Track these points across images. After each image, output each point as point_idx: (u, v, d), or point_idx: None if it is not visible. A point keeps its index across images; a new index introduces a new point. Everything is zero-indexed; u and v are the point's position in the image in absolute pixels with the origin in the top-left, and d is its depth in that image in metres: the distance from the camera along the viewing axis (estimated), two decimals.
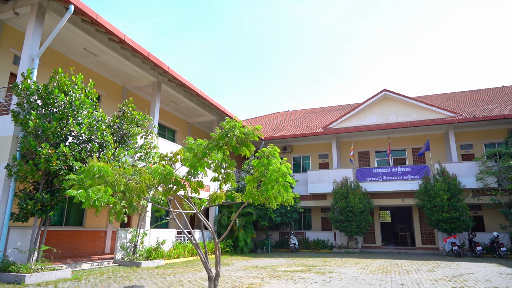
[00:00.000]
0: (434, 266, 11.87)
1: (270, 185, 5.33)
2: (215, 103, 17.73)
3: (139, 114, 11.81)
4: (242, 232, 17.55)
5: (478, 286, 7.87)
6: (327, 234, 20.84)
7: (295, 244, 18.95)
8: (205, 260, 6.28)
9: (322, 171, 20.91)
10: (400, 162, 22.04)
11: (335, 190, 19.53)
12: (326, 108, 29.16)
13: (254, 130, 5.65)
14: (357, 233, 18.48)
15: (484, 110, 20.08)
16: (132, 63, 13.42)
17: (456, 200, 17.04)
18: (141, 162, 11.99)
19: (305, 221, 22.94)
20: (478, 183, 17.67)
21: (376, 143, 22.59)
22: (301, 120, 26.21)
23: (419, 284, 8.25)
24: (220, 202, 6.93)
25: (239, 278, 8.94)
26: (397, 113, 21.55)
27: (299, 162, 24.20)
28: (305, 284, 8.06)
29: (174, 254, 13.44)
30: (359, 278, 9.06)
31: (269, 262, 13.14)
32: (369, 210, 18.71)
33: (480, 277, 9.31)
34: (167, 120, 18.88)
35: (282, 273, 9.94)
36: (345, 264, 12.56)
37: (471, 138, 20.74)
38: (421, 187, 18.16)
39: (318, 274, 9.83)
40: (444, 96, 25.32)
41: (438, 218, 16.95)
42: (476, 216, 19.30)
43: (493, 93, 23.81)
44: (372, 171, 19.89)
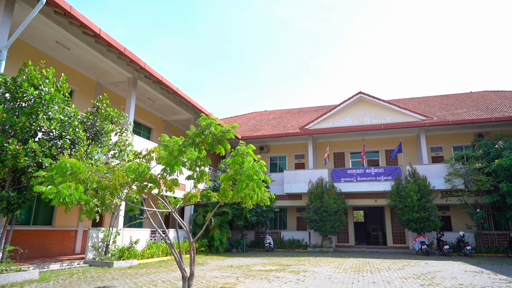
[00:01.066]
0: (404, 265, 12.23)
1: (244, 183, 5.33)
2: (192, 101, 17.55)
3: (113, 111, 11.53)
4: (217, 231, 17.48)
5: (444, 284, 8.18)
6: (302, 233, 21.07)
7: (270, 243, 19.04)
8: (179, 260, 6.20)
9: (298, 171, 21.12)
10: (373, 163, 22.58)
11: (311, 190, 19.78)
12: (303, 109, 29.47)
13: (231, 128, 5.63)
14: (331, 232, 18.78)
15: (453, 115, 20.87)
16: (107, 58, 13.07)
17: (426, 201, 17.63)
18: (115, 159, 11.71)
19: (281, 221, 23.10)
20: (446, 185, 18.36)
21: (351, 144, 23.04)
22: (278, 120, 26.37)
23: (389, 282, 8.47)
24: (195, 201, 6.87)
25: (213, 278, 8.90)
26: (371, 115, 22.06)
27: (276, 162, 24.35)
28: (279, 283, 8.11)
29: (147, 254, 13.21)
30: (332, 277, 9.21)
31: (244, 262, 13.15)
32: (343, 210, 19.05)
33: (446, 275, 9.67)
34: (143, 117, 18.54)
35: (257, 273, 9.96)
36: (319, 263, 12.74)
37: (441, 141, 21.53)
38: (393, 188, 18.67)
39: (293, 273, 9.92)
40: (416, 100, 26.13)
41: (409, 218, 17.48)
42: (444, 216, 20.04)
43: (462, 98, 24.78)
44: (346, 171, 20.27)
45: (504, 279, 8.91)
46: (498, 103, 21.97)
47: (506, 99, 22.60)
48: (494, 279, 8.99)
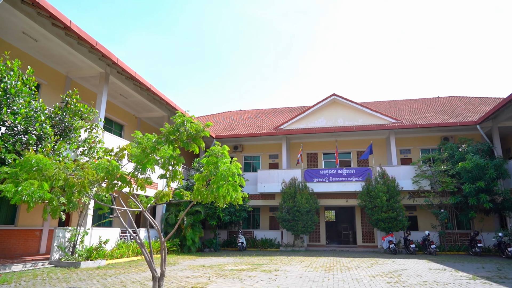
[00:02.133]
0: (372, 263, 12.57)
1: (219, 184, 5.30)
2: (166, 98, 17.28)
3: (83, 107, 11.17)
4: (190, 231, 17.30)
5: (410, 281, 8.48)
6: (275, 233, 21.22)
7: (243, 243, 19.06)
8: (150, 260, 6.10)
9: (272, 171, 21.25)
10: (345, 164, 23.07)
11: (284, 190, 19.95)
12: (278, 109, 29.68)
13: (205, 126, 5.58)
14: (303, 232, 19.02)
15: (421, 118, 21.67)
16: (78, 51, 12.62)
17: (394, 201, 18.21)
18: (84, 157, 11.35)
19: (254, 220, 23.17)
20: (414, 186, 19.04)
21: (324, 145, 23.44)
22: (253, 120, 26.42)
23: (358, 280, 8.69)
24: (167, 200, 6.76)
25: (185, 278, 8.81)
26: (344, 117, 22.52)
27: (250, 162, 24.38)
28: (251, 283, 8.14)
29: (117, 254, 12.89)
30: (303, 276, 9.33)
31: (216, 261, 13.09)
32: (315, 210, 19.35)
33: (412, 273, 10.03)
34: (115, 114, 18.05)
35: (229, 272, 9.95)
36: (290, 262, 12.87)
37: (410, 144, 22.29)
38: (364, 189, 19.15)
39: (265, 272, 9.98)
40: (387, 103, 26.92)
41: (378, 217, 17.99)
42: (411, 216, 20.77)
43: (429, 103, 25.77)
44: (319, 172, 20.60)
45: (465, 276, 9.34)
46: (463, 109, 23.01)
47: (470, 105, 23.70)
48: (456, 276, 9.41)
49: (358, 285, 7.99)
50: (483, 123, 19.38)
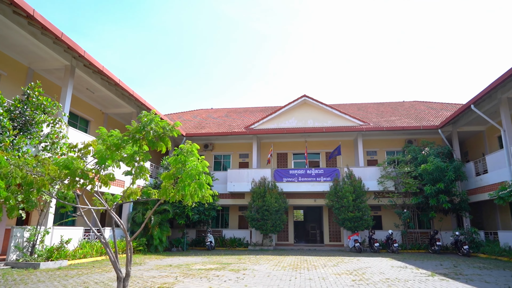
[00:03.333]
0: (338, 262, 12.89)
1: (186, 183, 5.22)
2: (136, 94, 16.86)
3: (46, 100, 10.67)
4: (157, 230, 16.98)
5: (373, 279, 8.76)
6: (244, 232, 21.26)
7: (212, 242, 18.95)
8: (115, 260, 5.92)
9: (242, 170, 21.27)
10: (314, 164, 23.48)
11: (253, 189, 20.02)
12: (249, 108, 29.74)
13: (174, 125, 5.48)
14: (272, 231, 19.18)
15: (387, 121, 22.45)
16: (42, 42, 12.01)
17: (360, 201, 18.75)
18: (47, 152, 10.85)
19: (223, 219, 23.09)
20: (379, 186, 19.70)
21: (294, 145, 23.73)
22: (224, 119, 26.33)
23: (324, 278, 8.88)
24: (135, 198, 6.60)
25: (151, 278, 8.64)
26: (314, 118, 22.92)
27: (220, 161, 24.28)
28: (219, 282, 8.11)
29: (80, 254, 12.43)
30: (271, 274, 9.41)
31: (184, 261, 12.93)
32: (284, 209, 19.56)
33: (375, 270, 10.37)
34: (80, 108, 17.39)
35: (197, 272, 9.86)
36: (259, 261, 12.94)
37: (376, 146, 23.03)
38: (331, 189, 19.59)
39: (233, 271, 9.97)
40: (356, 106, 27.66)
41: (345, 217, 18.46)
42: (376, 216, 21.46)
43: (395, 106, 26.74)
44: (289, 172, 20.85)
45: (424, 273, 9.79)
46: (426, 113, 24.06)
47: (432, 110, 24.81)
48: (416, 273, 9.84)
49: (324, 283, 8.16)
50: (444, 128, 20.37)
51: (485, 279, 8.75)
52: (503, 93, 15.64)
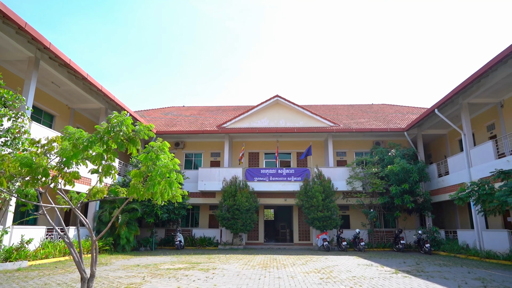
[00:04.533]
0: (307, 260, 13.10)
1: (156, 181, 5.12)
2: (104, 90, 16.35)
3: (8, 93, 10.11)
4: (124, 229, 16.56)
5: (340, 276, 8.98)
6: (214, 231, 21.14)
7: (181, 241, 18.72)
8: (79, 260, 5.73)
9: (213, 169, 21.15)
10: (285, 164, 23.72)
11: (224, 189, 19.96)
12: (222, 107, 29.61)
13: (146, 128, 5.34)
14: (242, 230, 19.20)
15: (357, 123, 23.05)
16: (4, 32, 11.34)
17: (329, 201, 19.14)
18: (7, 148, 10.30)
19: (193, 218, 22.87)
20: (347, 186, 20.19)
21: (266, 145, 23.87)
22: (196, 117, 26.08)
23: (293, 277, 9.00)
24: (101, 196, 6.40)
25: (117, 278, 8.42)
26: (286, 118, 23.15)
27: (191, 159, 24.01)
28: (188, 282, 8.03)
29: (41, 255, 11.90)
30: (240, 274, 9.43)
31: (152, 261, 12.70)
32: (254, 208, 19.64)
33: (343, 268, 10.63)
34: (45, 103, 16.63)
35: (165, 271, 9.71)
36: (228, 260, 12.92)
37: (345, 147, 23.59)
38: (302, 188, 19.87)
39: (202, 271, 9.90)
40: (326, 107, 28.20)
41: (314, 216, 18.78)
42: (344, 215, 21.98)
43: (364, 109, 27.50)
44: (260, 171, 20.95)
45: (389, 271, 10.14)
46: (393, 116, 24.91)
47: (399, 113, 25.72)
48: (381, 271, 10.17)
49: (292, 281, 8.27)
50: (410, 130, 21.18)
51: (444, 276, 9.19)
52: (464, 99, 16.46)
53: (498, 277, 8.98)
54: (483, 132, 18.52)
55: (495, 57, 12.89)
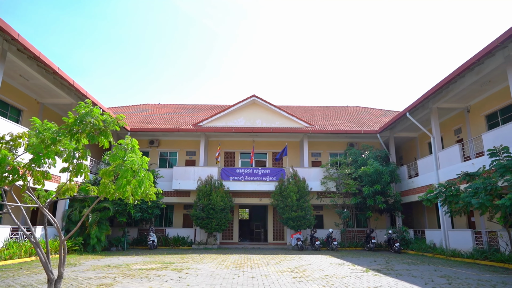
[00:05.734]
0: (281, 260, 13.20)
1: (125, 180, 5.01)
2: (76, 84, 15.82)
3: None
4: (95, 228, 16.10)
5: (313, 275, 9.11)
6: (188, 230, 20.93)
7: (154, 241, 18.41)
8: (46, 261, 5.53)
9: (188, 168, 20.94)
10: (261, 164, 23.80)
11: (199, 188, 19.80)
12: (198, 105, 29.35)
13: (115, 119, 5.21)
14: (217, 230, 19.11)
15: (332, 125, 23.44)
16: None
17: (304, 201, 19.37)
18: None
19: (167, 218, 22.55)
20: (321, 187, 20.51)
21: (242, 144, 23.86)
22: (172, 115, 25.72)
23: (267, 276, 9.05)
24: (71, 195, 6.20)
25: (86, 279, 8.18)
26: (263, 118, 23.23)
27: (166, 158, 23.66)
28: (160, 282, 7.91)
29: (5, 255, 11.40)
30: (214, 273, 9.38)
31: (123, 261, 12.42)
32: (229, 208, 19.58)
33: (315, 267, 10.79)
34: (12, 96, 15.91)
35: (137, 272, 9.53)
36: (202, 260, 12.83)
37: (320, 148, 23.94)
38: (277, 188, 20.00)
39: (175, 271, 9.78)
40: (302, 108, 28.52)
41: (288, 216, 18.94)
42: (318, 215, 22.30)
43: (339, 111, 28.01)
44: (235, 171, 20.92)
45: (360, 269, 10.38)
46: (367, 118, 25.51)
47: (373, 116, 26.37)
48: (352, 269, 10.40)
49: (266, 281, 8.31)
50: (382, 133, 21.75)
51: (412, 274, 9.50)
52: (434, 103, 17.08)
53: (462, 275, 9.38)
54: (450, 136, 19.30)
55: (463, 64, 13.46)
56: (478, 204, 11.10)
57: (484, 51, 12.25)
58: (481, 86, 15.25)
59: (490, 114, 16.25)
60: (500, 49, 12.25)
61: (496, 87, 15.40)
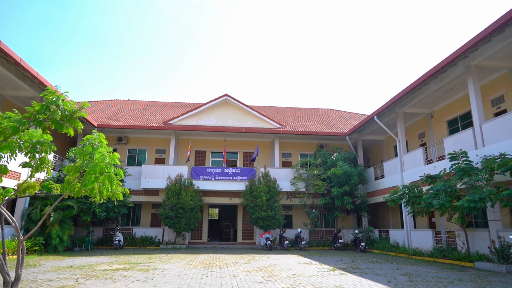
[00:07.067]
0: (250, 259, 13.23)
1: (93, 176, 4.84)
2: (40, 76, 15.11)
3: None
4: (57, 228, 15.44)
5: (281, 274, 9.20)
6: (156, 230, 20.53)
7: (120, 241, 17.92)
8: (2, 262, 5.24)
9: (158, 166, 20.55)
10: (232, 163, 23.75)
11: (169, 186, 19.49)
12: (169, 103, 28.88)
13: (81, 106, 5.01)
14: (186, 229, 18.88)
15: (303, 126, 23.78)
16: None
17: (274, 201, 19.53)
18: None
19: (134, 217, 22.02)
20: (291, 187, 20.76)
21: (213, 143, 23.71)
22: (142, 112, 25.14)
23: (235, 276, 9.04)
24: (32, 192, 5.93)
25: (46, 281, 7.83)
26: (234, 118, 23.19)
27: (135, 155, 23.10)
28: (125, 283, 7.71)
29: None
30: (182, 273, 9.26)
31: (87, 261, 12.00)
32: (199, 207, 19.40)
33: (284, 267, 10.91)
34: None
35: (101, 273, 9.23)
36: (170, 260, 12.63)
37: (291, 148, 24.22)
38: (247, 188, 20.03)
39: (141, 271, 9.57)
40: (274, 109, 28.74)
41: (258, 216, 19.03)
42: (287, 215, 22.55)
43: (310, 112, 28.46)
44: (206, 170, 20.75)
45: (327, 268, 10.60)
46: (337, 120, 26.09)
47: (342, 118, 27.00)
48: (320, 268, 10.60)
49: (235, 280, 8.30)
50: (351, 135, 22.33)
51: (376, 272, 9.82)
52: (400, 108, 17.73)
53: (422, 272, 9.80)
54: (415, 140, 20.11)
55: (428, 71, 14.06)
56: (438, 205, 11.65)
57: (447, 60, 12.87)
58: (443, 93, 16.00)
59: (451, 120, 17.09)
60: (461, 59, 12.92)
61: (457, 95, 16.22)
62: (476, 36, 11.39)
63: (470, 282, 8.23)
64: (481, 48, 12.13)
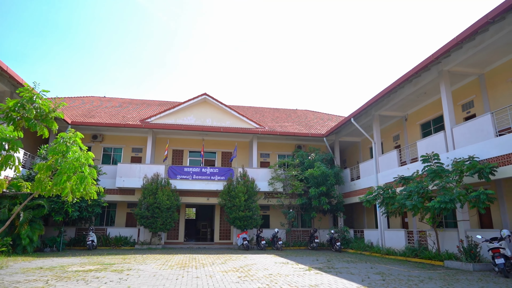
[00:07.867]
0: (226, 259, 13.19)
1: (65, 176, 4.70)
2: (10, 71, 14.52)
3: None
4: (26, 228, 14.87)
5: (258, 274, 9.23)
6: (131, 230, 20.14)
7: (93, 241, 17.46)
8: None
9: (134, 165, 20.17)
10: (210, 163, 23.61)
11: (145, 186, 19.16)
12: (147, 101, 28.40)
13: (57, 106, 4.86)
14: (162, 229, 18.62)
15: (281, 126, 23.93)
16: None
17: (252, 201, 19.55)
18: None
19: (109, 217, 21.51)
20: (269, 187, 20.85)
21: (191, 143, 23.49)
22: (118, 109, 24.59)
23: (212, 276, 8.99)
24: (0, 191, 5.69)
25: (14, 283, 7.53)
26: (213, 117, 23.07)
27: (110, 154, 22.56)
28: (98, 284, 7.52)
29: None
30: (157, 274, 9.13)
31: (58, 262, 11.63)
32: (176, 207, 19.18)
33: (260, 267, 10.94)
34: None
35: (73, 274, 8.97)
36: (145, 260, 12.43)
37: (269, 149, 24.33)
38: (225, 188, 19.96)
39: (115, 272, 9.37)
40: (253, 109, 28.78)
41: (236, 216, 19.00)
42: (264, 215, 22.62)
43: (289, 113, 28.68)
44: (183, 169, 20.53)
45: (303, 268, 10.71)
46: (315, 122, 26.40)
47: (320, 119, 27.35)
48: (296, 268, 10.70)
49: (211, 281, 8.26)
50: (329, 136, 22.66)
51: (351, 271, 10.01)
52: (376, 111, 18.14)
53: (395, 271, 10.07)
54: (390, 142, 20.63)
55: (403, 75, 14.45)
56: (411, 205, 12.00)
57: (421, 65, 13.28)
58: (417, 97, 16.50)
59: (425, 123, 17.64)
60: (434, 64, 13.37)
61: (430, 99, 16.76)
62: (449, 42, 11.81)
63: (440, 280, 8.52)
64: (453, 54, 12.59)
